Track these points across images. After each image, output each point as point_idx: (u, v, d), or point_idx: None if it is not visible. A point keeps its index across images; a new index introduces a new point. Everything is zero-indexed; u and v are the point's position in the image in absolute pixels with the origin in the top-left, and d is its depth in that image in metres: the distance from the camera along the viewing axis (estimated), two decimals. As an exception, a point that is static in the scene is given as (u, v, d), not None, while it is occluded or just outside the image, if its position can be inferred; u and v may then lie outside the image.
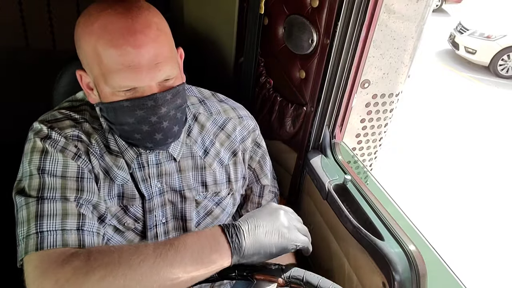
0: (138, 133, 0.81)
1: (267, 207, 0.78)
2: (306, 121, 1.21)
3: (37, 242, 0.69)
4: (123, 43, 0.71)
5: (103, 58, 0.73)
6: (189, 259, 0.66)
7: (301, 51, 1.15)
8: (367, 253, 0.91)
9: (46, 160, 0.78)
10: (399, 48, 1.22)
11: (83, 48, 0.77)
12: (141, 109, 0.77)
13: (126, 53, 0.71)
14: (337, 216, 1.04)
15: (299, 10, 1.13)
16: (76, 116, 0.87)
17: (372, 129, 1.44)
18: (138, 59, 0.72)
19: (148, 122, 0.79)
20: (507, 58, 6.77)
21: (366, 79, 1.24)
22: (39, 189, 0.75)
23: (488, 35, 6.77)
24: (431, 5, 1.19)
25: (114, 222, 0.89)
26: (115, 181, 0.88)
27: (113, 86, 0.75)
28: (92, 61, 0.76)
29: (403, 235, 0.89)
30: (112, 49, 0.71)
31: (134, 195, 0.90)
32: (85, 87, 0.84)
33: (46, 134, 0.81)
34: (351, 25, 1.01)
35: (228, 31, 1.43)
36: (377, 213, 0.97)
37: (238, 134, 1.02)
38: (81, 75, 0.83)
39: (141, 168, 0.90)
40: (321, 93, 1.13)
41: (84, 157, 0.83)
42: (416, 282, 0.83)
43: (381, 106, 1.39)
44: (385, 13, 1.09)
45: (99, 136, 0.87)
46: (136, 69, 0.73)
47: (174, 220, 0.97)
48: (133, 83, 0.74)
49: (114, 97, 0.77)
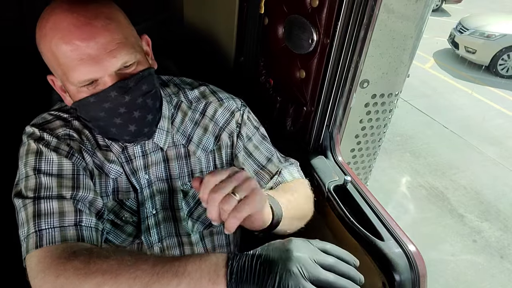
0: (112, 127, 0.82)
1: (284, 245, 0.62)
2: (306, 121, 1.21)
3: (37, 240, 0.70)
4: (72, 37, 0.71)
5: (59, 58, 0.74)
6: (186, 286, 0.61)
7: (301, 51, 1.15)
8: (367, 254, 0.91)
9: (42, 160, 0.79)
10: (398, 48, 1.22)
11: (43, 52, 0.78)
12: (107, 101, 0.77)
13: (76, 47, 0.72)
14: (337, 216, 1.04)
15: (299, 10, 1.13)
16: (65, 116, 0.89)
17: (372, 129, 1.44)
18: (88, 51, 0.72)
19: (118, 114, 0.79)
20: (507, 58, 6.77)
21: (365, 78, 1.24)
22: (36, 189, 0.76)
23: (488, 35, 6.77)
24: (430, 5, 1.19)
25: (112, 216, 0.90)
26: (110, 176, 0.89)
27: (74, 83, 0.76)
28: (53, 63, 0.77)
29: (402, 236, 0.89)
30: (63, 46, 0.72)
31: (128, 188, 0.91)
32: (59, 90, 0.85)
33: (39, 136, 0.83)
34: (351, 25, 1.01)
35: (228, 31, 1.42)
36: (377, 213, 0.97)
37: (220, 117, 0.99)
38: (52, 79, 0.84)
39: (128, 162, 0.91)
40: (321, 93, 1.13)
41: (77, 155, 0.84)
42: (416, 283, 0.84)
43: (381, 106, 1.38)
44: (384, 13, 1.09)
45: (90, 133, 0.88)
46: (88, 61, 0.73)
47: (164, 211, 0.97)
48: (89, 76, 0.74)
49: (80, 94, 0.78)
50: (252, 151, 1.02)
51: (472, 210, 3.65)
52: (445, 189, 3.90)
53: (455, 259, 3.10)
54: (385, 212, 0.97)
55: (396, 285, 0.83)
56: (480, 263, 3.09)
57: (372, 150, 1.55)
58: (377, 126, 1.44)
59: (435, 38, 7.97)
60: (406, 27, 1.16)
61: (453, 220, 3.52)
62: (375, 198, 1.01)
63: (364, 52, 1.08)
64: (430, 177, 4.07)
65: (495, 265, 3.09)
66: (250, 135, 1.03)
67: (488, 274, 3.01)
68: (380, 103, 1.37)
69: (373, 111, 1.38)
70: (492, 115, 5.60)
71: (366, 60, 1.11)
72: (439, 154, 4.50)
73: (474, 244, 3.27)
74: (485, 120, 5.39)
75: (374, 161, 1.65)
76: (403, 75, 1.35)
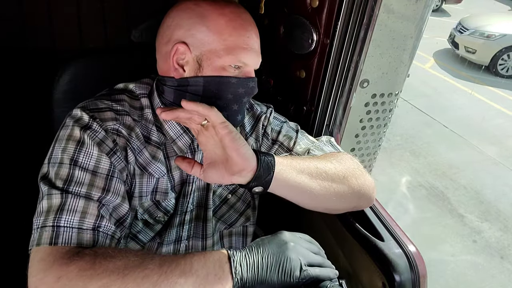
0: (227, 111, 0.84)
1: (278, 237, 0.73)
2: (306, 120, 1.21)
3: (52, 236, 0.68)
4: (250, 29, 0.85)
5: (232, 35, 0.82)
6: (193, 284, 0.64)
7: (301, 51, 1.15)
8: (367, 254, 0.91)
9: (81, 151, 0.76)
10: (398, 48, 1.22)
11: (204, 24, 0.82)
12: (244, 87, 0.84)
13: (251, 38, 0.84)
14: (336, 216, 1.04)
15: (299, 10, 1.13)
16: (118, 108, 0.84)
17: (372, 129, 1.44)
18: (256, 46, 0.86)
19: (240, 101, 0.86)
20: (507, 58, 6.78)
21: (365, 78, 1.24)
22: (66, 181, 0.73)
23: (488, 35, 6.77)
24: (431, 5, 1.19)
25: (146, 216, 0.89)
26: (154, 175, 0.87)
27: (231, 60, 0.82)
28: (213, 36, 0.81)
29: (402, 236, 0.89)
30: (242, 31, 0.83)
31: (166, 189, 0.90)
32: (173, 61, 0.84)
33: (87, 123, 0.79)
34: (351, 25, 1.01)
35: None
36: (377, 213, 0.97)
37: (247, 124, 1.02)
38: (178, 48, 0.83)
39: (192, 153, 0.92)
40: (321, 93, 1.13)
41: (120, 153, 0.81)
42: (416, 283, 0.84)
43: (381, 106, 1.38)
44: (384, 13, 1.09)
45: (140, 129, 0.86)
46: (255, 52, 0.86)
47: (198, 209, 0.97)
48: (250, 61, 0.85)
49: (223, 71, 0.82)
50: (282, 140, 1.02)
51: (472, 210, 3.65)
52: (445, 189, 3.90)
53: (455, 259, 3.10)
54: (385, 212, 0.97)
55: (396, 285, 0.83)
56: (480, 263, 3.09)
57: (372, 149, 1.54)
58: (377, 125, 1.44)
59: (435, 38, 7.98)
60: (406, 27, 1.16)
61: (453, 220, 3.52)
62: (375, 197, 1.01)
63: (364, 52, 1.08)
64: (430, 176, 4.07)
65: (495, 265, 3.09)
66: (278, 129, 1.04)
67: (488, 274, 3.01)
68: (380, 103, 1.37)
69: (373, 111, 1.38)
70: (492, 115, 5.60)
71: (366, 60, 1.11)
72: (439, 153, 4.50)
73: (474, 245, 3.27)
74: (485, 120, 5.39)
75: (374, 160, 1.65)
76: (403, 75, 1.35)
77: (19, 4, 1.23)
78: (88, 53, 0.87)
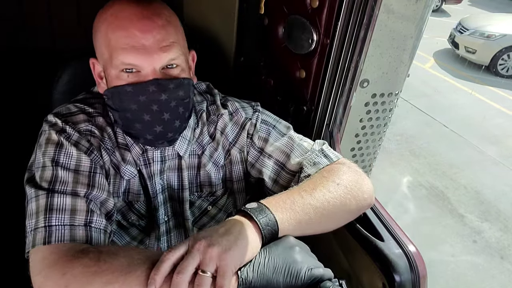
0: (139, 122, 0.81)
1: (285, 241, 0.72)
2: (306, 120, 1.21)
3: (45, 236, 0.69)
4: (130, 26, 0.75)
5: (111, 40, 0.77)
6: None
7: (301, 51, 1.15)
8: (367, 254, 0.91)
9: (61, 152, 0.78)
10: (398, 48, 1.22)
11: (96, 35, 0.81)
12: (143, 94, 0.78)
13: (132, 35, 0.75)
14: (336, 216, 1.04)
15: (299, 10, 1.12)
16: (90, 110, 0.87)
17: (372, 128, 1.44)
18: (143, 42, 0.76)
19: (149, 110, 0.79)
20: (507, 58, 6.77)
21: (365, 78, 1.24)
22: (51, 181, 0.75)
23: (488, 35, 6.77)
24: (431, 5, 1.19)
25: (119, 217, 0.90)
26: (124, 177, 0.88)
27: (117, 66, 0.77)
28: (102, 46, 0.79)
29: (402, 236, 0.89)
30: (120, 31, 0.76)
31: (139, 190, 0.91)
32: (96, 76, 0.87)
33: (61, 127, 0.82)
34: (351, 25, 1.01)
35: (228, 31, 1.42)
36: (377, 213, 0.96)
37: (230, 133, 0.97)
38: (93, 63, 0.86)
39: (147, 165, 0.90)
40: (321, 93, 1.13)
41: (96, 152, 0.83)
42: (416, 283, 0.83)
43: (381, 106, 1.38)
44: (384, 13, 1.09)
45: (112, 130, 0.88)
46: (140, 50, 0.76)
47: (175, 219, 0.97)
48: (136, 61, 0.76)
49: (118, 81, 0.79)
50: (271, 152, 0.96)
51: (472, 210, 3.65)
52: (445, 189, 3.90)
53: (455, 259, 3.10)
54: (385, 212, 0.97)
55: (396, 285, 0.83)
56: (480, 263, 3.09)
57: (372, 149, 1.54)
58: (377, 125, 1.44)
59: (435, 38, 7.97)
60: (406, 27, 1.16)
61: (453, 220, 3.52)
62: (375, 197, 1.01)
63: (364, 52, 1.08)
64: (430, 176, 4.07)
65: (495, 265, 3.09)
66: (266, 136, 0.97)
67: (488, 274, 3.01)
68: (380, 103, 1.37)
69: (373, 111, 1.38)
70: (492, 115, 5.60)
71: (366, 60, 1.11)
72: (439, 153, 4.50)
73: (474, 245, 3.27)
74: (485, 119, 5.39)
75: (374, 160, 1.65)
76: (403, 75, 1.35)
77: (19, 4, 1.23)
78: (88, 53, 0.87)
